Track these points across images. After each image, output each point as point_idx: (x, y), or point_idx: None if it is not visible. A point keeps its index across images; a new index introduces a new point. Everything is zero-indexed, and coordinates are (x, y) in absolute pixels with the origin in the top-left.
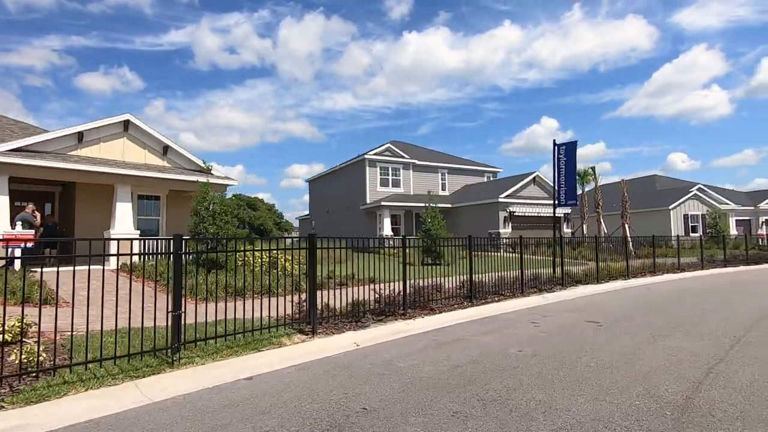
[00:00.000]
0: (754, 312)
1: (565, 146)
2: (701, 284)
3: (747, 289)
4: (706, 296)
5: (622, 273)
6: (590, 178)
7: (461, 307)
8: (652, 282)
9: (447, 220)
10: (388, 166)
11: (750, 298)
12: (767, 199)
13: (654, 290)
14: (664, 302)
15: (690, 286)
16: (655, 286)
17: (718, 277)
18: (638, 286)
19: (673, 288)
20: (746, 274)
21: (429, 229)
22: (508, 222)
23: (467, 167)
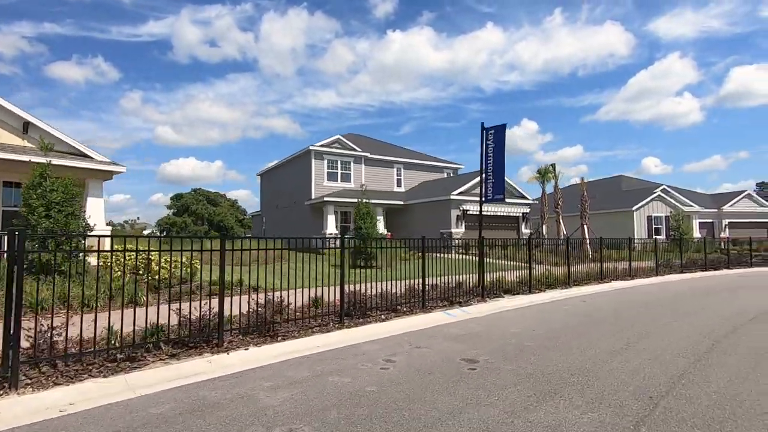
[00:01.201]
0: (683, 349)
1: (494, 130)
2: (644, 296)
3: (687, 305)
4: (640, 316)
5: (563, 281)
6: (551, 177)
7: (325, 330)
8: (593, 292)
9: (400, 219)
10: (336, 159)
11: (685, 319)
12: (730, 202)
13: (589, 304)
14: (586, 325)
15: (631, 298)
16: (594, 298)
17: (669, 285)
18: (574, 297)
19: (611, 301)
20: (698, 282)
21: (360, 228)
22: (462, 221)
23: (426, 163)
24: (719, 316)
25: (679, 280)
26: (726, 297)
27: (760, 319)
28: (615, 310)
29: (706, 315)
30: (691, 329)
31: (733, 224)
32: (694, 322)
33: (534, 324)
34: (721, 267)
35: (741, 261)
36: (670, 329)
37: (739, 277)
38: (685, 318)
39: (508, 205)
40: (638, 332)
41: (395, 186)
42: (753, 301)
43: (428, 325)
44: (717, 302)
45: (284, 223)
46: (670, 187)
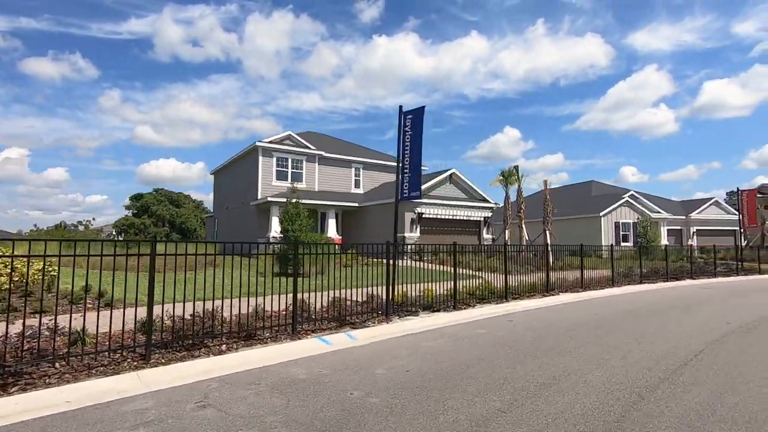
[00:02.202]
0: (607, 392)
1: (412, 115)
2: (586, 314)
3: (630, 328)
4: (568, 344)
5: (500, 294)
6: (514, 180)
7: (115, 372)
8: (532, 307)
9: (356, 222)
10: (287, 156)
11: (621, 351)
12: (698, 209)
13: (515, 326)
14: (493, 360)
15: (570, 317)
16: (527, 316)
17: (620, 300)
18: (503, 315)
19: (544, 321)
20: (653, 295)
21: (286, 231)
22: (416, 225)
23: (388, 163)
24: (652, 356)
25: (635, 292)
26: (676, 318)
27: (704, 361)
28: (541, 336)
29: (648, 347)
30: (617, 374)
31: (701, 232)
32: (630, 357)
33: (423, 358)
34: (683, 277)
35: (705, 271)
36: (598, 369)
37: (701, 289)
38: (621, 350)
39: (469, 208)
40: (556, 373)
41: (353, 187)
42: (704, 324)
43: (277, 359)
44: (665, 325)
45: (234, 225)
46: (638, 192)
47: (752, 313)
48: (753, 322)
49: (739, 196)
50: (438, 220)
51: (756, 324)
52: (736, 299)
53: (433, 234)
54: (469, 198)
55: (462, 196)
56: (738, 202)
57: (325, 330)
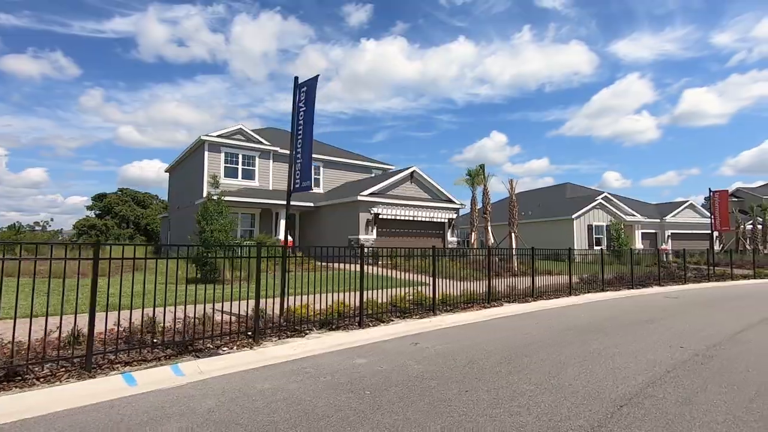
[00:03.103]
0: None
1: (306, 86)
2: (513, 334)
3: (552, 360)
4: (450, 390)
5: (428, 306)
6: (481, 180)
7: None
8: (461, 323)
9: (313, 224)
10: (237, 152)
11: (537, 398)
12: (673, 212)
13: (415, 351)
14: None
15: (491, 338)
16: (442, 336)
17: (570, 311)
18: (414, 335)
19: (453, 344)
20: (610, 307)
21: (203, 231)
22: (372, 226)
23: (351, 161)
24: (542, 422)
25: (592, 302)
26: (617, 343)
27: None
28: (425, 374)
29: (548, 402)
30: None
31: (676, 235)
32: (545, 404)
33: (227, 416)
34: (651, 283)
35: (674, 276)
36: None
37: (665, 299)
38: (512, 405)
39: (432, 209)
40: None
41: (312, 186)
42: (650, 351)
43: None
44: (600, 354)
45: (184, 226)
46: (612, 195)
47: (714, 331)
48: (712, 347)
49: (711, 197)
50: (397, 221)
51: (716, 349)
52: (700, 311)
53: (392, 236)
54: (433, 198)
55: (424, 196)
56: (710, 204)
57: (150, 362)
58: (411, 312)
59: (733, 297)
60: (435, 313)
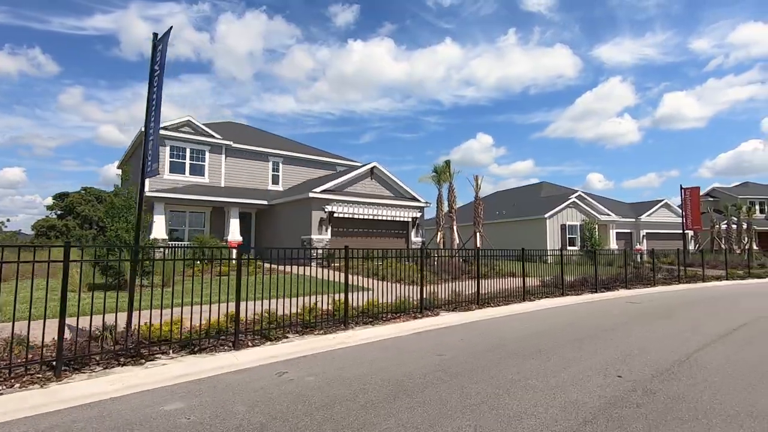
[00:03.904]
0: None
1: (161, 44)
2: (423, 358)
3: (453, 399)
4: None
5: (340, 318)
6: (446, 176)
7: None
8: (372, 339)
9: (268, 223)
10: (185, 146)
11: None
12: (648, 212)
13: (275, 385)
14: None
15: (390, 365)
16: (329, 362)
17: (514, 322)
18: (295, 360)
19: (333, 376)
20: (565, 314)
21: (107, 230)
22: (326, 226)
23: (313, 158)
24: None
25: (546, 309)
26: (548, 369)
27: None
28: (263, 425)
29: None
30: None
31: (651, 235)
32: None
33: None
34: (616, 286)
35: (643, 278)
36: None
37: (627, 304)
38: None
39: (394, 207)
40: None
41: (270, 183)
42: (579, 382)
43: None
44: (513, 385)
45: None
46: (586, 193)
47: (667, 350)
48: (659, 375)
49: (682, 195)
50: (355, 220)
51: (663, 379)
52: (659, 321)
53: (350, 236)
54: (396, 196)
55: (386, 193)
56: (682, 202)
57: None
58: (315, 326)
59: (699, 301)
60: (347, 326)
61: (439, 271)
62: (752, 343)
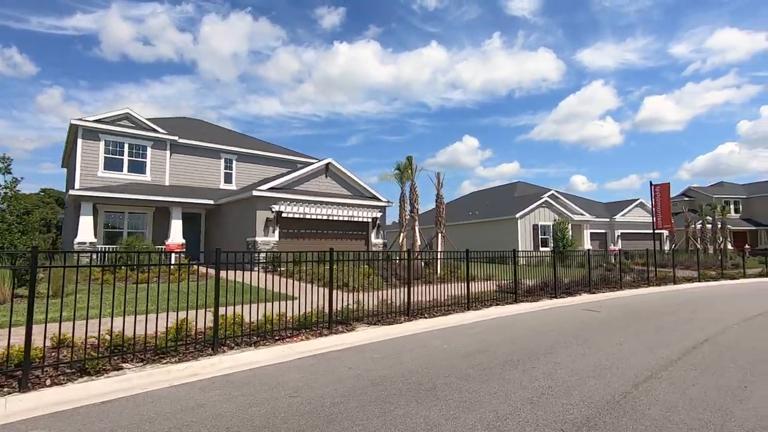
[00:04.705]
0: None
1: None
2: (268, 406)
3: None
4: None
5: (208, 341)
6: (409, 174)
7: None
8: (244, 367)
9: (216, 224)
10: (123, 141)
11: None
12: (623, 211)
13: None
14: None
15: (200, 415)
16: (159, 403)
17: (431, 342)
18: (129, 397)
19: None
20: (502, 330)
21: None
22: (274, 227)
23: (271, 155)
24: None
25: (482, 322)
26: (439, 418)
27: None
28: None
29: None
30: None
31: (626, 235)
32: None
33: None
34: (579, 291)
35: (609, 281)
36: None
37: (583, 312)
38: None
39: (352, 207)
40: None
41: (222, 182)
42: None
43: None
44: None
45: (69, 227)
46: (560, 193)
47: (604, 382)
48: (574, 427)
49: (652, 192)
50: (307, 220)
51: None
52: (608, 337)
53: (302, 238)
54: (354, 195)
55: (344, 192)
56: (651, 200)
57: None
58: (168, 352)
59: (664, 308)
60: (215, 351)
61: (390, 275)
62: (709, 372)
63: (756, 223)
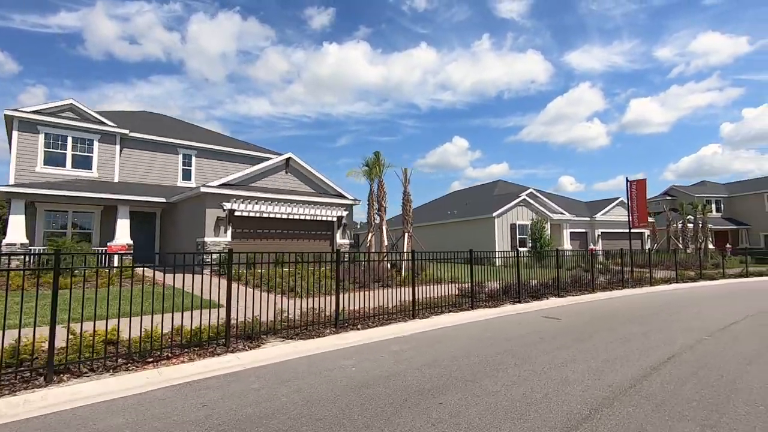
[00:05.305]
0: None
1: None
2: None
3: None
4: None
5: (40, 370)
6: (377, 171)
7: None
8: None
9: (171, 223)
10: (66, 134)
11: None
12: (603, 210)
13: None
14: None
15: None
16: None
17: (337, 364)
18: None
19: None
20: (422, 356)
21: None
22: (225, 226)
23: (235, 151)
24: None
25: (421, 333)
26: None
27: None
28: None
29: None
30: None
31: (606, 234)
32: None
33: None
34: (547, 294)
35: (581, 284)
36: None
37: (543, 320)
38: None
39: (315, 205)
40: None
41: (180, 179)
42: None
43: None
44: None
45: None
46: (539, 191)
47: (537, 424)
48: None
49: (628, 188)
50: (265, 220)
51: None
52: (554, 356)
53: (260, 238)
54: (318, 192)
55: (306, 189)
56: (627, 197)
57: None
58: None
59: (632, 314)
60: (49, 379)
61: (345, 278)
62: (664, 410)
63: (737, 222)
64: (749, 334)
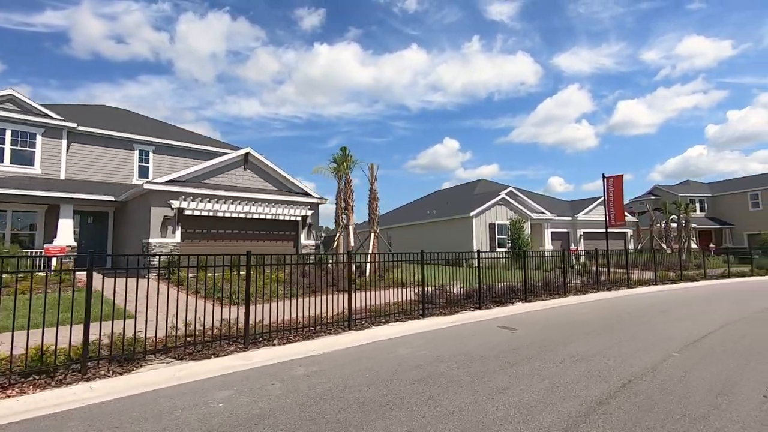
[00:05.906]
0: None
1: None
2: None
3: None
4: None
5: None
6: (346, 167)
7: None
8: None
9: (123, 223)
10: (4, 127)
11: None
12: (585, 210)
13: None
14: None
15: None
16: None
17: (212, 396)
18: None
19: None
20: (323, 385)
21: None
22: (174, 226)
23: (197, 147)
24: None
25: (339, 351)
26: None
27: None
28: None
29: None
30: None
31: (589, 234)
32: None
33: None
34: (513, 299)
35: (552, 288)
36: None
37: (499, 330)
38: None
39: (278, 204)
40: None
41: (136, 176)
42: None
43: None
44: None
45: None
46: (519, 190)
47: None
48: None
49: (605, 185)
50: (221, 219)
51: None
52: (495, 383)
53: (214, 239)
54: (281, 191)
55: (267, 187)
56: (604, 194)
57: None
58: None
59: (598, 323)
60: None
61: (300, 282)
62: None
63: (721, 222)
64: (725, 351)
